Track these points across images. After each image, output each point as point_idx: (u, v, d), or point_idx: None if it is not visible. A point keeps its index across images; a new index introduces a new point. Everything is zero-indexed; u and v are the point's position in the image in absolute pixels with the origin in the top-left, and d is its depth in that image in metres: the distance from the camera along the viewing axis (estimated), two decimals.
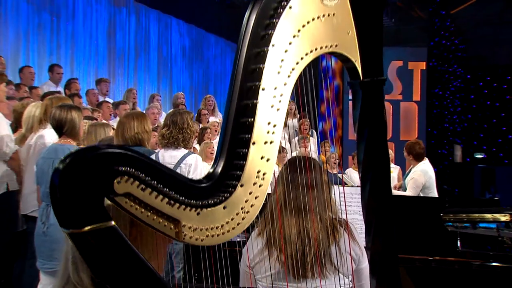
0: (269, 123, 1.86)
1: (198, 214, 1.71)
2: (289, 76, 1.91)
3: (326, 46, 2.00)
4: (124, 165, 1.57)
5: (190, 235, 1.70)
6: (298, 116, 12.87)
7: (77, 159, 1.54)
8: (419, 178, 8.14)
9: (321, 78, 18.72)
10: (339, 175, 10.30)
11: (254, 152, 1.84)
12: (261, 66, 1.85)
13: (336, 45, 2.02)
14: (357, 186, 4.15)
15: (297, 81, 1.95)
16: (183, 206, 1.67)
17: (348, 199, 4.08)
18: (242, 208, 1.81)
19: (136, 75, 13.36)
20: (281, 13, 1.87)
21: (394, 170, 12.20)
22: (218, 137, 10.46)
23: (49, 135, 5.51)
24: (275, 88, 1.87)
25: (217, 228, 1.76)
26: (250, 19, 1.89)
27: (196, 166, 5.05)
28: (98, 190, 1.55)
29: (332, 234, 2.84)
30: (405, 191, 8.49)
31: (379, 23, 2.11)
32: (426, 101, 19.36)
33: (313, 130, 12.54)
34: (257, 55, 1.85)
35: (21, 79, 9.57)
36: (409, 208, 4.14)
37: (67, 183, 1.53)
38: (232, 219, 1.80)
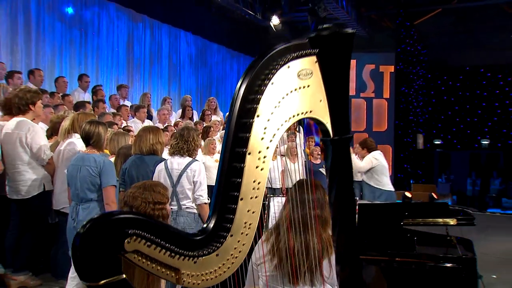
0: (254, 181, 1.88)
1: (195, 262, 1.74)
2: (271, 141, 1.92)
3: (302, 113, 2.01)
4: (132, 227, 1.63)
5: (188, 280, 1.74)
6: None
7: (94, 225, 1.61)
8: (372, 161, 8.17)
9: None
10: (321, 169, 10.28)
11: (242, 207, 1.86)
12: (247, 135, 1.86)
13: (310, 111, 2.04)
14: None
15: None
16: (182, 257, 1.72)
17: None
18: (232, 254, 1.84)
19: (151, 80, 13.29)
20: (264, 90, 1.88)
21: None
22: (218, 133, 10.46)
23: (75, 143, 5.52)
24: (259, 152, 1.88)
25: (211, 272, 1.79)
26: (239, 92, 1.89)
27: (200, 171, 4.99)
28: (111, 250, 1.60)
29: (326, 250, 2.86)
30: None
31: (345, 93, 2.12)
32: (394, 98, 19.30)
33: (300, 126, 12.35)
34: (245, 125, 1.87)
35: (56, 88, 9.49)
36: (375, 215, 4.12)
37: (86, 245, 1.59)
38: (224, 264, 1.82)
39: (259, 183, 1.89)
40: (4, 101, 6.03)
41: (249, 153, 1.86)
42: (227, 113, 11.91)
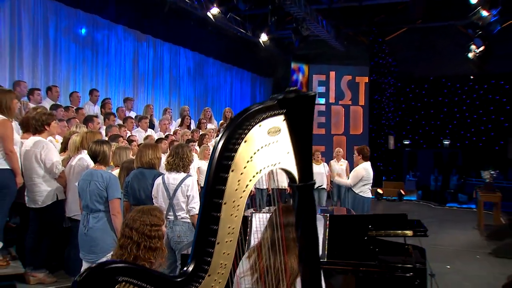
0: (229, 227, 1.90)
1: None
2: (244, 191, 1.93)
3: (272, 165, 2.01)
4: (122, 275, 1.68)
5: None
6: None
7: (90, 274, 1.65)
8: (360, 172, 8.10)
9: (292, 86, 18.75)
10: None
11: (218, 250, 1.89)
12: (223, 187, 1.88)
13: (279, 163, 2.03)
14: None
15: None
16: None
17: None
18: None
19: (153, 92, 13.23)
20: (238, 148, 1.91)
21: (343, 164, 11.99)
22: (213, 140, 10.45)
23: (85, 159, 5.54)
24: (233, 201, 1.91)
25: None
26: (218, 147, 1.92)
27: (193, 186, 4.97)
28: None
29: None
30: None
31: (309, 145, 2.14)
32: (368, 105, 19.36)
33: None
34: (221, 179, 1.89)
35: (70, 101, 9.50)
36: (344, 226, 4.13)
37: None
38: None
39: (233, 228, 1.91)
40: (23, 120, 6.06)
41: (225, 203, 1.89)
42: (221, 121, 11.98)
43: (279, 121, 2.05)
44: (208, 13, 12.47)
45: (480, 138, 21.49)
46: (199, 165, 9.67)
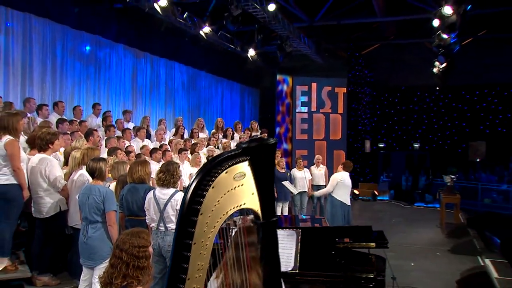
0: (198, 264, 1.98)
1: None
2: (211, 231, 2.01)
3: (238, 206, 2.10)
4: None
5: None
6: (260, 131, 12.70)
7: None
8: (335, 177, 8.21)
9: (277, 97, 18.86)
10: (284, 182, 10.31)
11: (188, 285, 1.96)
12: (193, 230, 1.96)
13: (244, 204, 2.11)
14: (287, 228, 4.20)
15: None
16: None
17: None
18: None
19: (151, 103, 13.16)
20: (206, 194, 1.98)
21: (322, 169, 11.80)
22: (204, 149, 10.41)
23: (84, 174, 5.56)
24: (202, 241, 1.99)
25: None
26: (189, 192, 2.00)
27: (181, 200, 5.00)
28: None
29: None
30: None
31: (271, 186, 2.21)
32: (346, 113, 19.37)
33: None
34: (191, 222, 1.97)
35: (74, 115, 9.49)
36: (315, 239, 4.17)
37: None
38: None
39: (202, 264, 1.99)
40: (30, 139, 6.10)
41: (194, 243, 1.96)
42: (213, 130, 12.00)
43: (244, 167, 2.12)
44: (201, 32, 12.46)
45: (446, 142, 21.70)
46: (191, 171, 9.68)
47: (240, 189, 2.11)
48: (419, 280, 7.32)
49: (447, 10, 9.02)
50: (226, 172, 2.06)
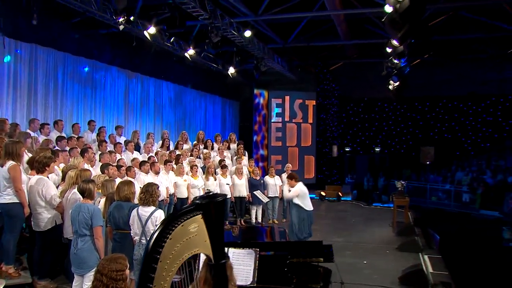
0: None
1: None
2: (170, 274, 2.18)
3: (193, 251, 2.28)
4: None
5: None
6: (237, 142, 12.81)
7: None
8: (296, 190, 8.12)
9: (255, 109, 19.05)
10: (255, 191, 10.51)
11: None
12: (153, 275, 2.13)
13: (198, 249, 2.30)
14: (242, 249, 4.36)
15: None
16: None
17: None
18: None
19: (141, 118, 13.20)
20: (165, 244, 2.16)
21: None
22: (187, 159, 10.51)
23: (77, 193, 5.63)
24: (161, 283, 2.17)
25: None
26: (150, 243, 2.16)
27: (160, 217, 5.11)
28: None
29: None
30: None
31: (221, 234, 2.40)
32: (316, 123, 19.70)
33: (246, 152, 12.53)
34: (152, 268, 2.15)
35: (72, 131, 9.58)
36: (269, 256, 4.34)
37: None
38: None
39: None
40: (30, 160, 6.23)
41: (155, 286, 2.15)
42: (194, 142, 12.14)
43: (197, 220, 2.32)
44: (186, 54, 12.58)
45: (402, 146, 22.09)
46: (175, 180, 9.83)
47: (195, 237, 2.29)
48: (369, 277, 7.40)
49: (395, 42, 9.30)
50: (182, 226, 2.24)
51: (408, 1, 7.41)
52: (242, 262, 4.12)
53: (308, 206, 8.22)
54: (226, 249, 4.12)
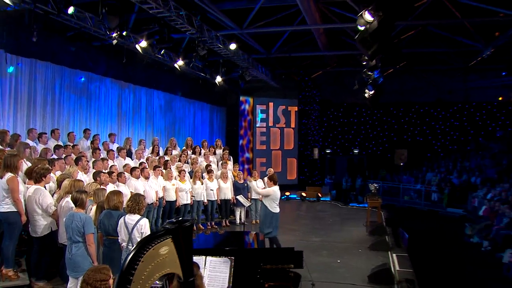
0: None
1: None
2: None
3: (163, 272, 2.42)
4: None
5: None
6: (222, 147, 12.94)
7: None
8: (269, 191, 8.15)
9: (241, 115, 19.20)
10: (238, 196, 10.62)
11: None
12: None
13: (168, 270, 2.45)
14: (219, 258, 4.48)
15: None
16: None
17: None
18: None
19: (133, 125, 13.24)
20: (137, 267, 2.30)
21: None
22: (175, 164, 10.62)
23: (70, 202, 5.76)
24: None
25: None
26: (124, 265, 2.31)
27: (145, 225, 5.24)
28: None
29: None
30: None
31: (190, 255, 2.56)
32: (298, 127, 19.90)
33: (231, 157, 12.70)
34: None
35: (68, 139, 9.64)
36: (243, 262, 4.39)
37: None
38: None
39: None
40: (28, 171, 6.34)
41: None
42: (183, 147, 12.27)
43: (168, 243, 2.48)
44: (176, 65, 12.67)
45: (379, 148, 22.42)
46: (164, 184, 9.95)
47: (165, 259, 2.44)
48: (342, 276, 7.45)
49: (367, 57, 9.55)
50: (153, 249, 2.40)
51: (377, 23, 7.69)
52: (219, 270, 4.25)
53: (274, 208, 8.20)
54: (204, 257, 4.32)
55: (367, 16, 7.69)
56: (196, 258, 4.25)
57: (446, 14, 12.21)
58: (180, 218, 2.67)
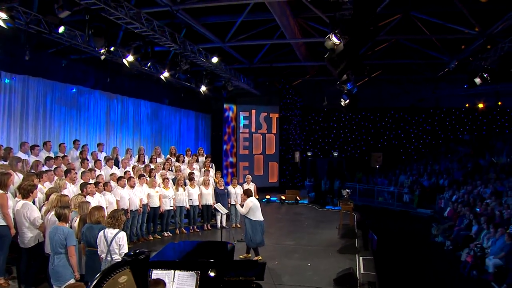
0: None
1: None
2: None
3: None
4: None
5: None
6: (205, 155, 13.17)
7: None
8: (248, 204, 8.37)
9: (224, 121, 19.43)
10: (215, 204, 10.81)
11: None
12: None
13: None
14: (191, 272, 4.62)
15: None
16: None
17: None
18: None
19: (121, 134, 13.36)
20: None
21: (252, 186, 11.79)
22: (160, 171, 10.82)
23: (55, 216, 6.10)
24: None
25: None
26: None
27: (123, 238, 5.44)
28: None
29: None
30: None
31: (146, 283, 2.89)
32: (279, 133, 20.13)
33: (213, 164, 12.93)
34: None
35: (59, 150, 9.88)
36: (208, 274, 4.58)
37: None
38: None
39: None
40: (18, 187, 6.59)
41: None
42: (167, 156, 12.50)
43: (126, 273, 2.81)
44: (161, 76, 12.85)
45: (357, 151, 22.84)
46: (148, 191, 10.17)
47: (124, 286, 2.77)
48: (310, 279, 7.48)
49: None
50: (113, 279, 2.70)
51: (343, 45, 7.99)
52: (186, 283, 4.49)
53: (258, 217, 8.42)
54: (172, 271, 4.57)
55: (334, 39, 7.97)
56: (165, 272, 4.58)
57: (415, 30, 12.66)
58: (138, 251, 2.97)
